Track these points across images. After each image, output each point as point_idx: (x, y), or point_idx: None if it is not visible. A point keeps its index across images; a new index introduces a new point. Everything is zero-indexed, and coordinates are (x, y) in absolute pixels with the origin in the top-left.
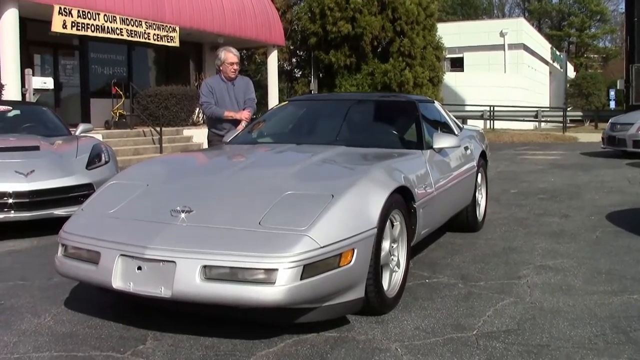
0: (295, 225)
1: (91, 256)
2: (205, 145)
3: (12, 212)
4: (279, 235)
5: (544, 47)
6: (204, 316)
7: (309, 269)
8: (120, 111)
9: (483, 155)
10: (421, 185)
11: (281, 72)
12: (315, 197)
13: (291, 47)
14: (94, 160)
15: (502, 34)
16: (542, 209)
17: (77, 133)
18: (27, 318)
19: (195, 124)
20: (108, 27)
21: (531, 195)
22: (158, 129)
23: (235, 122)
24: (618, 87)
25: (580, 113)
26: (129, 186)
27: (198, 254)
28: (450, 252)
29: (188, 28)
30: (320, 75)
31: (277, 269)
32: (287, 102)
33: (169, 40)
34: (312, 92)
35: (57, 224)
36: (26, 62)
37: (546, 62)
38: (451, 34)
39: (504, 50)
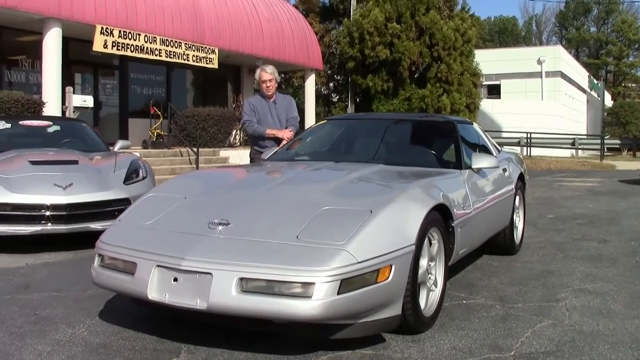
0: (333, 240)
1: (127, 267)
2: None
3: (49, 224)
4: (317, 249)
5: (581, 75)
6: (238, 330)
7: (346, 284)
8: (158, 131)
9: (521, 177)
10: (459, 205)
11: (318, 96)
12: (353, 213)
13: (329, 72)
14: (131, 175)
15: (539, 62)
16: (580, 233)
17: (115, 149)
18: (61, 328)
19: (232, 146)
20: (148, 48)
21: (569, 220)
22: (195, 149)
23: (278, 141)
24: None
25: (618, 141)
26: (166, 199)
27: (235, 266)
28: (487, 274)
29: (227, 50)
30: (358, 99)
31: (314, 283)
32: (325, 120)
33: (208, 62)
34: None
35: (93, 238)
36: (67, 80)
37: (583, 90)
38: (488, 60)
39: (542, 77)
